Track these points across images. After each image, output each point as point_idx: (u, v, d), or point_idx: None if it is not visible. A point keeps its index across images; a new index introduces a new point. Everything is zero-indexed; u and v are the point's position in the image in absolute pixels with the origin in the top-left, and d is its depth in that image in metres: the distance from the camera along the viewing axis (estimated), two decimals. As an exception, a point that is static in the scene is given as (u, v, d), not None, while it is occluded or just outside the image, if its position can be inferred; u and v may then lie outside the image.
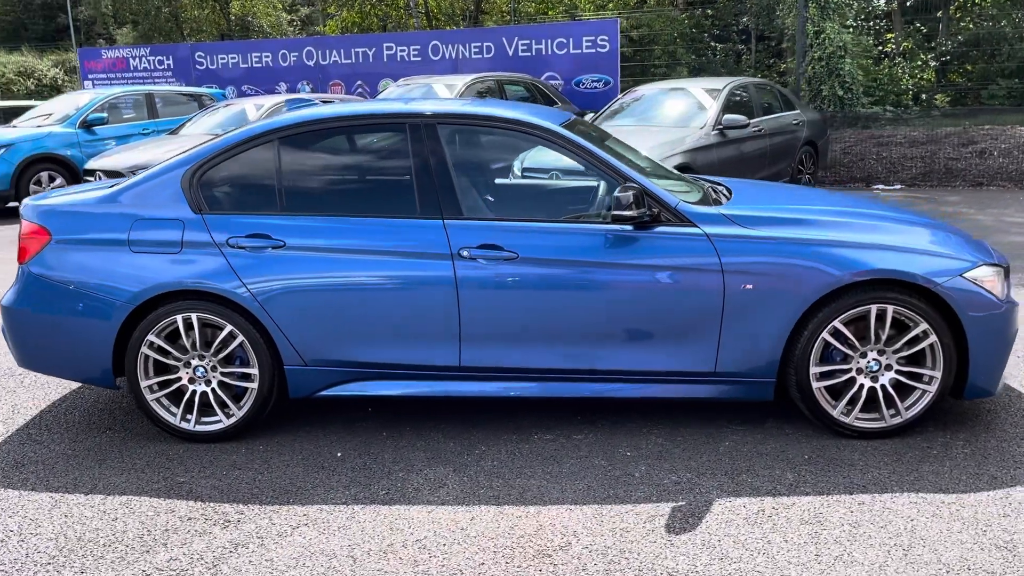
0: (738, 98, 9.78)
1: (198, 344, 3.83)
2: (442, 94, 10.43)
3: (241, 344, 3.80)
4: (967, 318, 3.60)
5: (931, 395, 3.69)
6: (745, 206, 3.93)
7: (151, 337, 3.81)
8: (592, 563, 2.85)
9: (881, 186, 12.18)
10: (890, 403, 3.71)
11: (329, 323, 3.78)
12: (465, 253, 3.68)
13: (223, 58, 15.71)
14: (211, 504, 3.33)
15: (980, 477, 3.37)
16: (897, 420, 3.72)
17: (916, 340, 3.65)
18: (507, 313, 3.72)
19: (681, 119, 9.32)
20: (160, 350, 3.83)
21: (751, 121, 9.47)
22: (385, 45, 14.41)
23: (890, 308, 3.61)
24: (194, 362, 3.85)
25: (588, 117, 10.06)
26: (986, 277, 3.66)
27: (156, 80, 16.12)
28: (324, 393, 3.89)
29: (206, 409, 3.90)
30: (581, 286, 3.69)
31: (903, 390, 3.72)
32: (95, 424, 4.16)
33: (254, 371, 3.83)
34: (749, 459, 3.59)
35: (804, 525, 3.05)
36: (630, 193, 3.55)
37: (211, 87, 15.39)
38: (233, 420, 3.88)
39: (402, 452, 3.76)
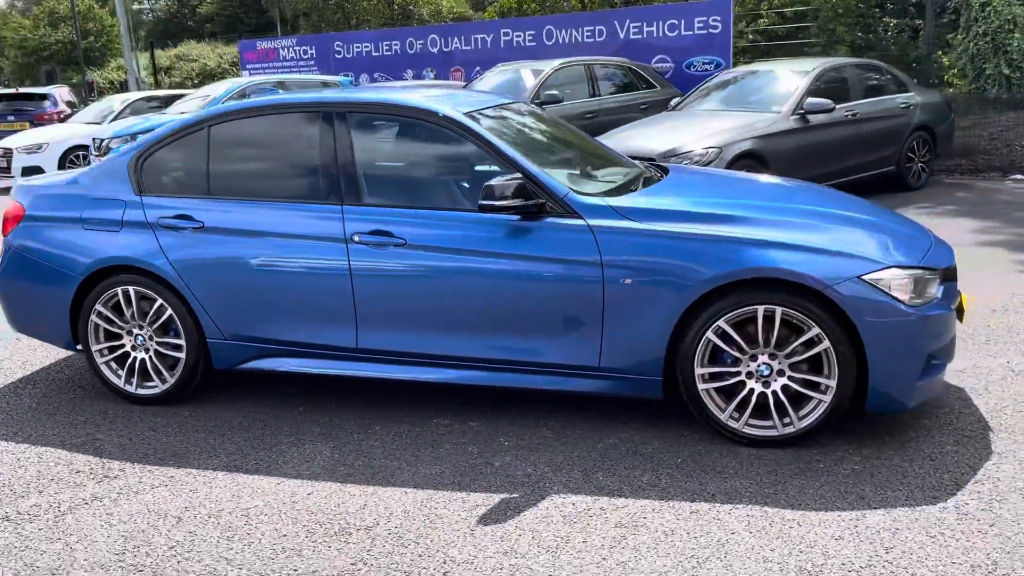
0: (831, 80, 9.15)
1: (136, 315, 4.19)
2: (527, 80, 10.46)
3: (171, 317, 4.13)
4: (863, 324, 3.30)
5: (826, 405, 3.41)
6: (650, 197, 3.79)
7: (98, 307, 4.21)
8: (381, 545, 2.91)
9: (1019, 175, 10.97)
10: (783, 411, 3.47)
11: (242, 301, 4.02)
12: (357, 239, 3.80)
13: (357, 47, 16.49)
14: (104, 460, 3.67)
15: (845, 496, 3.10)
16: (790, 430, 3.47)
17: (809, 345, 3.39)
18: (397, 299, 3.81)
19: (761, 103, 8.87)
20: (106, 319, 4.23)
21: (843, 105, 8.87)
22: (502, 31, 14.59)
23: (778, 310, 3.37)
24: (135, 331, 4.22)
25: (674, 101, 9.78)
26: (893, 280, 3.33)
27: (300, 69, 17.18)
28: (244, 366, 4.14)
29: (146, 375, 4.26)
30: (466, 274, 3.70)
31: (800, 398, 3.47)
32: (73, 383, 4.64)
33: (182, 342, 4.15)
34: (619, 458, 3.49)
35: (617, 528, 2.95)
36: (503, 182, 3.52)
37: (347, 75, 16.23)
38: (167, 386, 4.22)
39: (301, 426, 3.95)
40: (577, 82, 10.73)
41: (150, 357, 4.23)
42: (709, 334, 3.46)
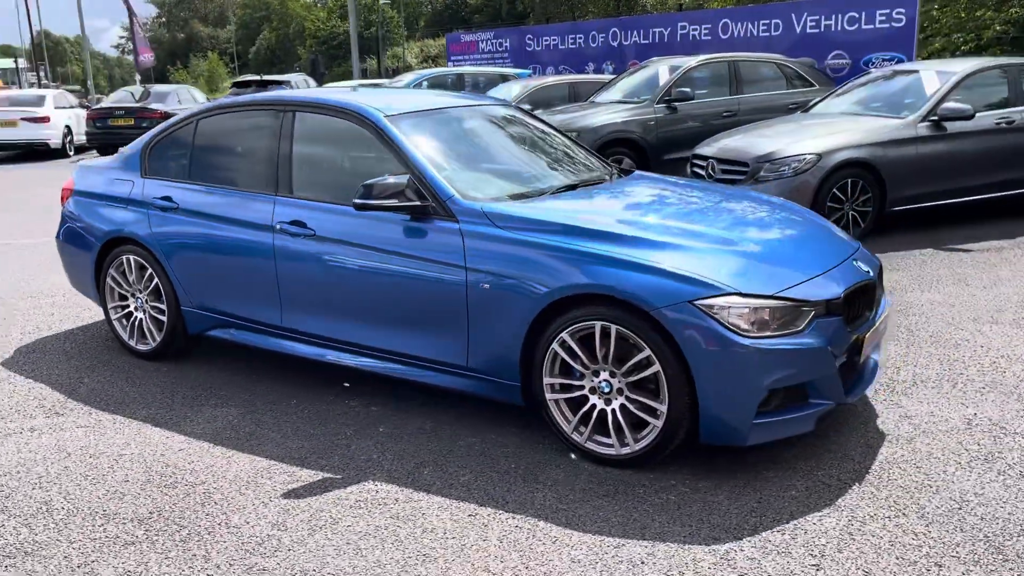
0: (988, 83, 8.16)
1: (136, 280, 4.86)
2: (662, 77, 10.27)
3: (157, 284, 4.75)
4: (689, 349, 3.14)
5: (658, 430, 3.28)
6: (536, 206, 3.79)
7: (111, 271, 4.94)
8: (188, 500, 3.27)
9: None
10: (622, 431, 3.39)
11: (202, 276, 4.55)
12: (278, 227, 4.17)
13: (546, 40, 16.87)
14: (68, 399, 4.35)
15: (629, 523, 3.00)
16: (626, 451, 3.38)
17: (641, 367, 3.28)
18: (307, 283, 4.14)
19: (893, 107, 8.12)
20: (117, 282, 4.95)
21: (998, 112, 7.90)
22: (679, 24, 14.27)
23: (613, 328, 3.29)
24: (137, 294, 4.90)
25: (814, 101, 9.19)
26: (730, 308, 3.13)
27: (496, 61, 17.88)
28: (209, 333, 4.68)
29: (143, 333, 4.93)
30: (361, 267, 3.94)
31: (643, 420, 3.36)
32: (105, 337, 5.44)
33: (163, 306, 4.76)
34: (461, 457, 3.58)
35: (390, 519, 3.08)
36: (383, 182, 3.69)
37: (530, 68, 16.68)
38: (155, 345, 4.87)
39: (229, 390, 4.41)
40: (718, 79, 10.38)
41: (145, 318, 4.89)
42: (555, 345, 3.45)
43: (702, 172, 8.16)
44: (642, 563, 2.77)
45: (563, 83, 12.29)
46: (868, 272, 3.62)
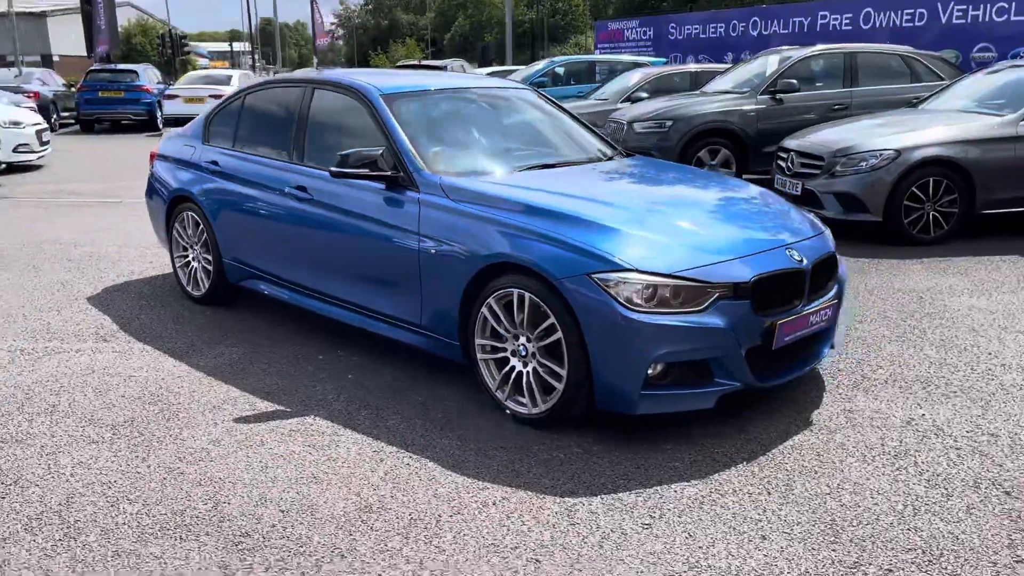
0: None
1: (192, 234, 5.56)
2: (770, 67, 10.03)
3: (207, 238, 5.42)
4: (584, 319, 3.35)
5: (559, 393, 3.51)
6: (492, 181, 4.06)
7: (176, 225, 5.68)
8: (150, 418, 3.81)
9: None
10: (533, 392, 3.63)
11: (234, 232, 5.15)
12: (287, 191, 4.68)
13: (687, 29, 16.67)
14: (121, 331, 5.08)
15: (494, 479, 3.26)
16: (536, 411, 3.62)
17: (548, 333, 3.51)
18: (303, 242, 4.64)
19: (999, 105, 7.61)
20: (179, 234, 5.68)
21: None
22: (819, 14, 13.71)
23: (527, 296, 3.54)
24: (193, 247, 5.61)
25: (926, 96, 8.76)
26: (623, 282, 3.30)
27: (639, 50, 17.86)
28: (242, 284, 5.29)
29: (196, 281, 5.63)
30: (344, 230, 4.37)
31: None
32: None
33: (211, 257, 5.43)
34: (403, 406, 3.93)
35: (304, 447, 3.50)
36: (357, 152, 4.10)
37: (673, 56, 16.57)
38: (204, 291, 5.55)
39: (247, 333, 4.98)
40: (832, 71, 10.03)
41: (199, 268, 5.58)
42: (484, 309, 3.73)
43: (784, 166, 8.01)
44: (493, 505, 3.03)
45: (685, 72, 12.23)
46: (800, 261, 3.64)
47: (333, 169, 4.17)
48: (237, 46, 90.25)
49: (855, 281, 5.94)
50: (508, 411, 3.74)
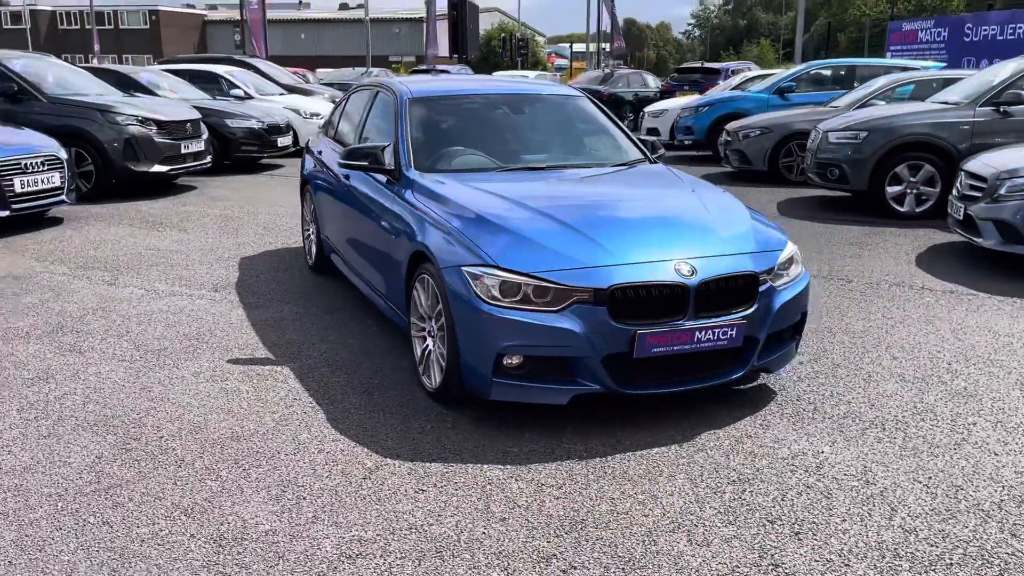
0: None
1: (308, 211, 6.59)
2: (999, 76, 8.81)
3: (315, 213, 6.41)
4: (455, 307, 3.69)
5: (443, 371, 3.86)
6: (453, 181, 4.47)
7: (303, 203, 6.76)
8: (165, 348, 4.79)
9: None
10: (431, 369, 4.03)
11: (322, 211, 6.07)
12: (342, 176, 5.46)
13: (984, 30, 14.76)
14: (231, 285, 6.22)
15: (396, 436, 3.72)
16: (432, 387, 4.01)
17: (439, 317, 3.88)
18: (341, 219, 5.44)
19: None
20: (304, 211, 6.75)
21: None
22: None
23: (430, 281, 3.94)
24: (310, 224, 6.63)
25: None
26: (484, 277, 3.59)
27: (931, 52, 16.17)
28: (330, 256, 6.19)
29: (310, 253, 6.65)
30: (360, 212, 5.06)
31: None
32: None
33: (315, 232, 6.41)
34: (359, 371, 4.51)
35: (235, 383, 4.24)
36: (361, 148, 4.77)
37: (967, 60, 14.89)
38: (312, 262, 6.58)
39: (313, 298, 5.84)
40: (1083, 82, 8.58)
41: (313, 240, 6.59)
42: (413, 291, 4.20)
43: (956, 186, 7.19)
44: (339, 453, 3.52)
45: (928, 79, 11.11)
46: (689, 276, 3.60)
47: (340, 160, 4.86)
48: (592, 47, 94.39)
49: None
50: (420, 383, 4.17)
